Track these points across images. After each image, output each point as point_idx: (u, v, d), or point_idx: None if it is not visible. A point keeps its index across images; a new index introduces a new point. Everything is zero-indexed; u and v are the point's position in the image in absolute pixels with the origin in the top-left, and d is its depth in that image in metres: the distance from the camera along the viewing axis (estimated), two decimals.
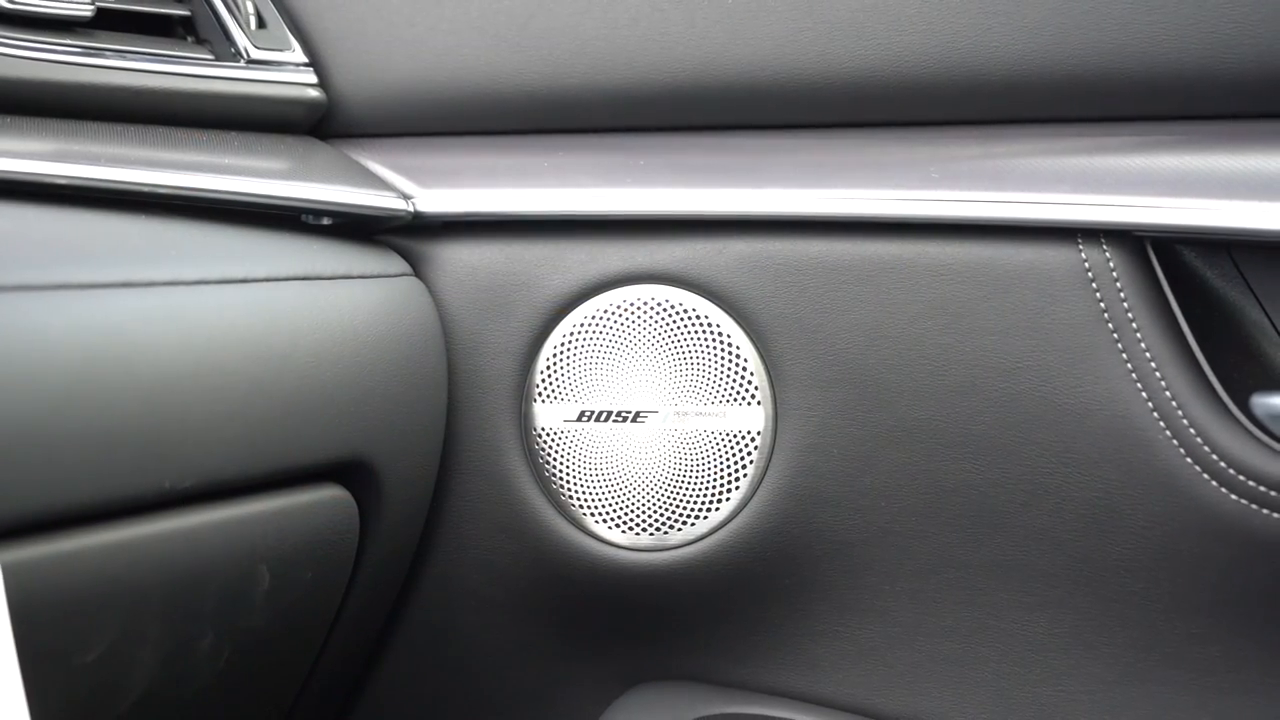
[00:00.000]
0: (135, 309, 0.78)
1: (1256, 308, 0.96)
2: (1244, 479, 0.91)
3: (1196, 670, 0.96)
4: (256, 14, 1.01)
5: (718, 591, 1.02)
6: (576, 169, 1.01)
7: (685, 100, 1.01)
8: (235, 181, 0.91)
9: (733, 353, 0.99)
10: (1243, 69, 0.92)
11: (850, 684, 1.03)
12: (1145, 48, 0.94)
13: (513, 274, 1.01)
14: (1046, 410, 0.95)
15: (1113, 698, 0.98)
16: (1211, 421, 0.92)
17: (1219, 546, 0.93)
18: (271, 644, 0.93)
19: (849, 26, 0.98)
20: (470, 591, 1.05)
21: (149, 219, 0.86)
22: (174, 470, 0.79)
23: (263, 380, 0.84)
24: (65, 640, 0.76)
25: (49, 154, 0.83)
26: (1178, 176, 0.93)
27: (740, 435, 1.00)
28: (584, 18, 1.01)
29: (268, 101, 1.00)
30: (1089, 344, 0.94)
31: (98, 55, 0.91)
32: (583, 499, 1.01)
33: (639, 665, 1.06)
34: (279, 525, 0.89)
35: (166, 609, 0.82)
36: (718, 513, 1.00)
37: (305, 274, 0.91)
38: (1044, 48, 0.95)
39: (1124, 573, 0.96)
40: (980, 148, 0.97)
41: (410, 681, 1.10)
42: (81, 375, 0.73)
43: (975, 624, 1.00)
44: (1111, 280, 0.93)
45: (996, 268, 0.95)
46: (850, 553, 1.00)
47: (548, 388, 1.01)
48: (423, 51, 1.03)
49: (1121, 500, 0.94)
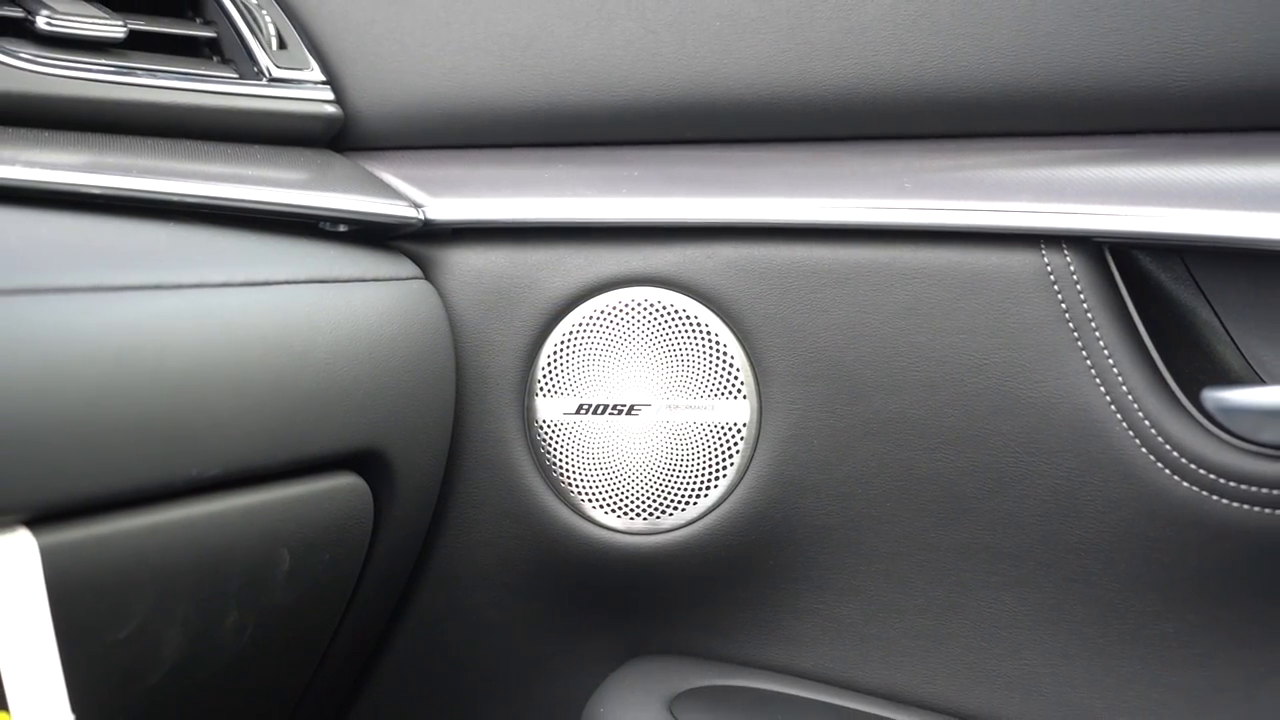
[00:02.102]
0: (165, 310, 0.78)
1: (1207, 308, 0.96)
2: (1195, 467, 0.91)
3: (1151, 644, 0.96)
4: (278, 35, 1.01)
5: (707, 572, 1.02)
6: (575, 180, 1.01)
7: (676, 116, 1.01)
8: (258, 191, 0.91)
9: (720, 350, 1.00)
10: (1193, 87, 0.93)
11: (830, 658, 1.03)
12: (1102, 68, 0.94)
13: (516, 277, 1.01)
14: (1011, 404, 0.95)
15: (1073, 670, 0.98)
16: (1165, 414, 0.92)
17: (1172, 530, 0.93)
18: (292, 621, 0.93)
19: (828, 48, 0.98)
20: (476, 572, 1.05)
21: (177, 226, 0.86)
22: (201, 459, 0.79)
23: (283, 376, 0.85)
24: (99, 617, 0.76)
25: (85, 166, 0.83)
26: (1133, 187, 0.93)
27: (727, 427, 1.00)
28: (582, 39, 1.01)
29: (288, 117, 1.00)
30: (1051, 342, 0.94)
31: (130, 74, 0.91)
32: (581, 486, 1.02)
33: (634, 641, 1.06)
34: (299, 511, 0.89)
35: (194, 588, 0.82)
36: (706, 499, 1.01)
37: (323, 277, 0.91)
38: (1009, 68, 0.95)
39: (1083, 554, 0.96)
40: (950, 160, 0.97)
41: (420, 654, 1.10)
42: (116, 371, 0.74)
43: (946, 602, 1.00)
44: (1072, 283, 0.94)
45: (965, 271, 0.95)
46: (829, 536, 1.01)
47: (549, 383, 1.01)
48: (432, 70, 1.03)
49: (1081, 487, 0.94)
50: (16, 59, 0.86)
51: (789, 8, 0.98)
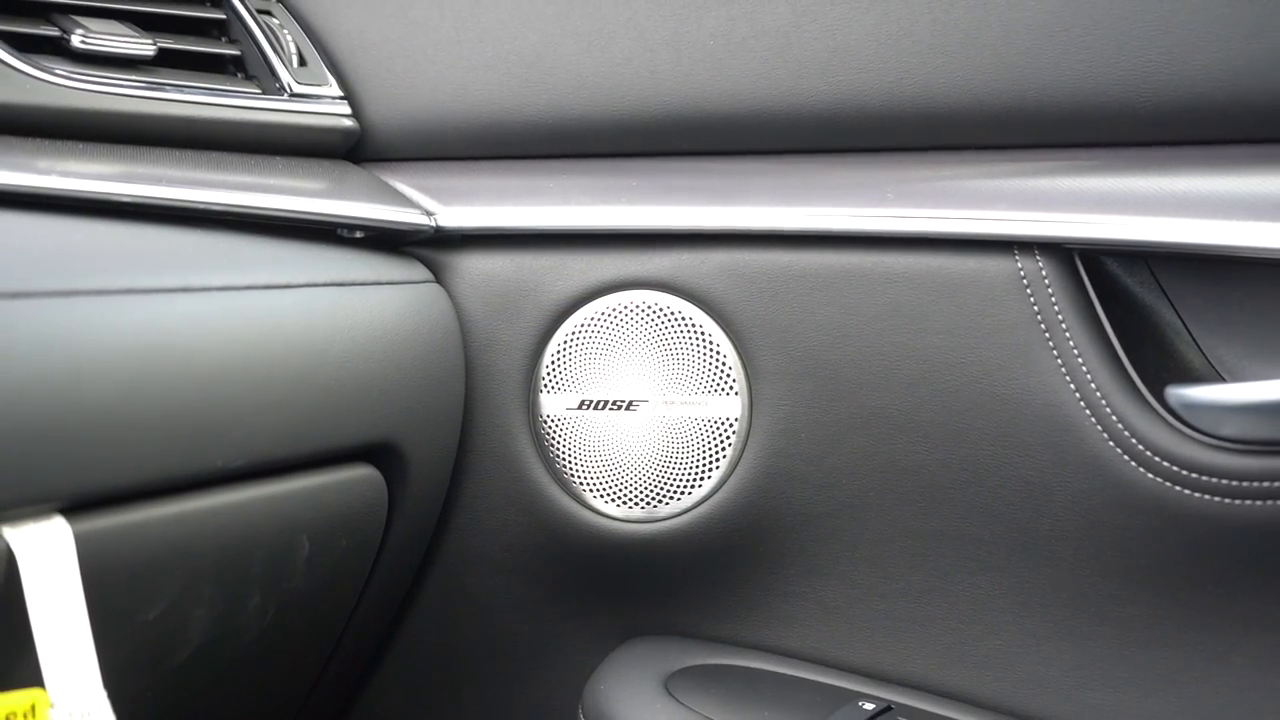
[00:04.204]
0: (193, 311, 0.79)
1: (1170, 310, 0.96)
2: (1159, 460, 0.91)
3: (1118, 626, 0.96)
4: (298, 54, 1.01)
5: (701, 558, 1.02)
6: (577, 189, 1.01)
7: (672, 129, 1.01)
8: (280, 200, 0.91)
9: (714, 349, 1.00)
10: (1157, 103, 0.92)
11: (816, 638, 1.03)
12: (1072, 85, 0.94)
13: (522, 281, 1.01)
14: (987, 400, 0.95)
15: (1045, 650, 0.98)
16: (1131, 410, 0.92)
17: (1137, 519, 0.93)
18: (311, 603, 0.94)
19: (815, 66, 0.98)
20: (483, 557, 1.05)
21: (204, 232, 0.86)
22: (226, 451, 0.79)
23: (303, 373, 0.85)
24: (130, 600, 0.76)
25: (118, 175, 0.84)
26: (1101, 196, 0.93)
27: (720, 421, 1.00)
28: (583, 57, 1.01)
29: (308, 130, 1.00)
30: (1024, 342, 0.94)
31: (160, 89, 0.91)
32: (583, 477, 1.02)
33: (632, 622, 1.06)
34: (318, 500, 0.89)
35: (219, 572, 0.82)
36: (701, 489, 1.01)
37: (340, 280, 0.91)
38: (985, 85, 0.95)
39: (1055, 541, 0.96)
40: (930, 171, 0.97)
41: (431, 634, 1.10)
42: (146, 368, 0.74)
43: (925, 586, 1.00)
44: (1044, 287, 0.93)
45: (944, 275, 0.95)
46: (816, 524, 1.01)
47: (552, 380, 1.01)
48: (443, 86, 1.03)
49: (1052, 478, 0.94)
50: (54, 75, 0.86)
51: (779, 28, 0.98)
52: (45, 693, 0.67)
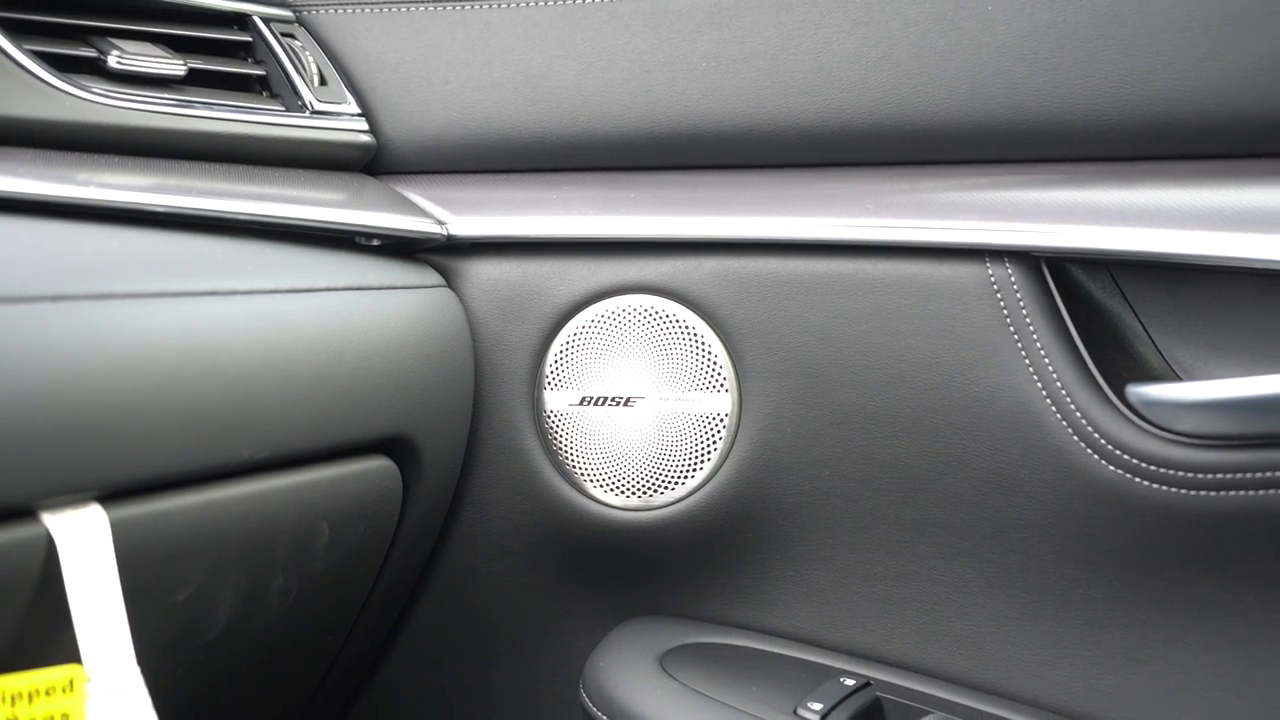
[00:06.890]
0: (220, 313, 0.79)
1: (1131, 314, 0.96)
2: (1120, 453, 0.91)
3: (1081, 608, 0.96)
4: (319, 74, 1.01)
5: (693, 543, 1.02)
6: (579, 200, 1.01)
7: (667, 145, 1.01)
8: (301, 210, 0.91)
9: (705, 350, 1.00)
10: (1119, 120, 0.92)
11: (800, 619, 1.03)
12: (1039, 104, 0.94)
13: (527, 285, 1.01)
14: (959, 397, 0.95)
15: (1013, 631, 0.98)
16: (1093, 407, 0.92)
17: (1099, 508, 0.93)
18: (330, 585, 0.93)
19: (800, 87, 0.98)
20: (491, 543, 1.05)
21: (231, 240, 0.86)
22: (251, 444, 0.79)
23: (323, 371, 0.85)
24: (162, 582, 0.76)
25: (151, 187, 0.83)
26: (1067, 208, 0.93)
27: (711, 417, 1.00)
28: (585, 78, 1.01)
29: (327, 145, 1.00)
30: (994, 343, 0.94)
31: (189, 107, 0.91)
32: (584, 468, 1.02)
33: (628, 604, 1.06)
34: (337, 489, 0.89)
35: (245, 557, 0.82)
36: (693, 479, 1.01)
37: (358, 285, 0.91)
38: (959, 103, 0.95)
39: (1022, 529, 0.96)
40: (907, 184, 0.97)
41: (442, 615, 1.09)
42: (176, 367, 0.74)
43: (902, 570, 1.00)
44: (1013, 292, 0.93)
45: (919, 281, 0.95)
46: (800, 512, 1.01)
47: (555, 377, 1.01)
48: (455, 105, 1.03)
49: (1020, 470, 0.94)
50: (92, 93, 0.86)
51: (766, 51, 0.98)
52: (82, 669, 0.67)
